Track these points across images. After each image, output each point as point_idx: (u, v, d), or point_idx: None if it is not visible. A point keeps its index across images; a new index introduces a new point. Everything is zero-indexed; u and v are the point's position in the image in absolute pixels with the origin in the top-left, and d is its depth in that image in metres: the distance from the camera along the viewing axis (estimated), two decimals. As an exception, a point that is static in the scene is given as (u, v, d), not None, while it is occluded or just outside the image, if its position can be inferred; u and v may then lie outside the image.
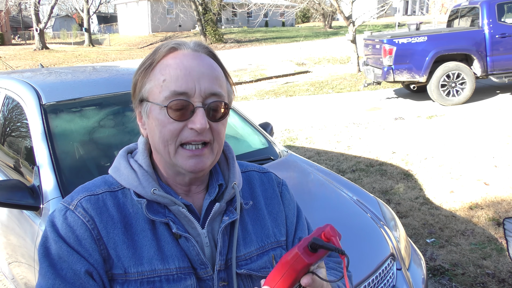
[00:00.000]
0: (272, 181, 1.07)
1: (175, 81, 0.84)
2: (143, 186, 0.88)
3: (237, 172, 0.99)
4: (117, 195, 0.90)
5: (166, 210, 0.89)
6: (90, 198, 0.88)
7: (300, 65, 17.62)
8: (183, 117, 0.84)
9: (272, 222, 1.01)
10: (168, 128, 0.84)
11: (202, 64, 0.86)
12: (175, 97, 0.83)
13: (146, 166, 0.91)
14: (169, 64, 0.85)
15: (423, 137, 6.34)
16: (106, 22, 51.95)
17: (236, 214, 0.93)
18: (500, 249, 3.27)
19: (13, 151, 2.68)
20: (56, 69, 3.79)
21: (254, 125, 3.03)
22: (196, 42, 0.91)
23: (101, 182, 0.92)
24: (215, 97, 0.86)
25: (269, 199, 1.03)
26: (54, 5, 32.67)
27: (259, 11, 25.18)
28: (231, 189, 0.95)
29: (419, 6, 53.80)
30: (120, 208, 0.88)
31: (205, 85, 0.84)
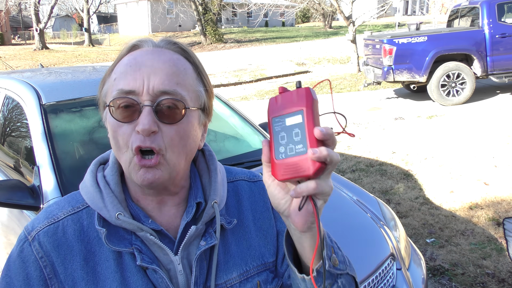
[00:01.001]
0: (263, 192, 0.93)
1: (123, 78, 0.74)
2: (108, 209, 0.78)
3: (219, 188, 0.86)
4: (81, 216, 0.80)
5: (133, 236, 0.78)
6: (48, 230, 0.78)
7: (300, 65, 17.62)
8: (130, 118, 0.73)
9: (261, 240, 0.88)
10: (119, 132, 0.74)
11: (157, 59, 0.75)
12: (120, 95, 0.73)
13: (114, 184, 0.81)
14: (123, 61, 0.77)
15: (423, 137, 6.34)
16: (106, 22, 51.96)
17: (214, 238, 0.81)
18: (500, 249, 3.27)
19: (13, 151, 2.68)
20: (56, 69, 3.79)
21: (254, 125, 3.03)
22: (163, 38, 0.82)
23: (66, 202, 0.83)
24: (167, 95, 0.73)
25: (259, 213, 0.91)
26: (54, 5, 32.67)
27: (259, 11, 25.19)
28: (211, 209, 0.83)
29: (419, 6, 53.81)
30: (82, 235, 0.79)
31: (155, 81, 0.73)
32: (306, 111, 0.64)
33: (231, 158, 2.58)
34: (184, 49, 0.81)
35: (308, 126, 0.63)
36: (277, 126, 0.66)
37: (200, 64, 0.83)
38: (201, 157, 0.90)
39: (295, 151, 0.64)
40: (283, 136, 0.65)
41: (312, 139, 0.62)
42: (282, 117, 0.66)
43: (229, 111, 3.09)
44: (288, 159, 0.64)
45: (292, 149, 0.64)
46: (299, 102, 0.65)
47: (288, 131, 0.65)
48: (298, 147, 0.63)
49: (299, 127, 0.64)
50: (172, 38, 0.83)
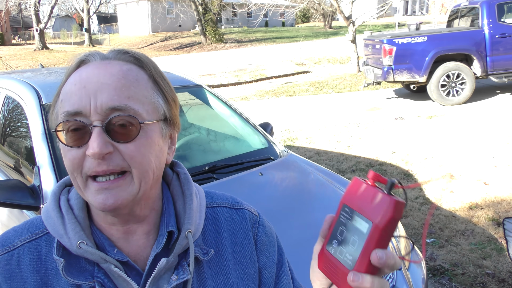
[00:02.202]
0: (246, 222, 0.85)
1: (69, 99, 0.67)
2: (69, 237, 0.70)
3: (194, 215, 0.77)
4: (39, 244, 0.73)
5: (95, 268, 0.71)
6: (1, 259, 0.71)
7: (300, 65, 17.63)
8: (80, 142, 0.66)
9: (239, 276, 0.81)
10: (68, 157, 0.68)
11: (104, 74, 0.68)
12: (66, 119, 0.67)
13: (78, 209, 0.73)
14: (69, 81, 0.70)
15: (423, 137, 6.34)
16: (106, 22, 51.96)
17: (188, 273, 0.73)
18: (500, 249, 3.27)
19: (13, 151, 2.68)
20: (56, 69, 3.79)
21: (254, 125, 3.03)
22: (113, 49, 0.74)
23: (24, 228, 0.75)
24: (118, 111, 0.66)
25: (239, 246, 0.82)
26: (54, 5, 32.67)
27: (259, 11, 25.18)
28: (185, 239, 0.74)
29: (419, 6, 53.80)
30: (39, 265, 0.71)
31: (102, 98, 0.66)
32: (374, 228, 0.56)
33: (231, 158, 2.59)
34: (136, 57, 0.73)
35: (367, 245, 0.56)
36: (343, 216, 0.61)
37: (157, 71, 0.75)
38: (176, 181, 0.82)
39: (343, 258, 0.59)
40: (342, 232, 0.60)
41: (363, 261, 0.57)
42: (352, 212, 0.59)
43: (229, 111, 3.09)
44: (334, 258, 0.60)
45: (342, 252, 0.60)
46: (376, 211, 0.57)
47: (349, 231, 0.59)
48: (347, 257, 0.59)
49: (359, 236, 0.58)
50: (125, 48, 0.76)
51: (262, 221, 0.88)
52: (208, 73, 16.47)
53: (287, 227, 1.98)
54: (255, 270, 0.83)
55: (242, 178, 2.38)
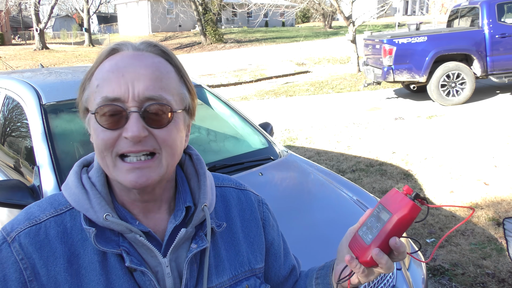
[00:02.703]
0: (251, 201, 0.95)
1: (107, 85, 0.73)
2: (95, 211, 0.77)
3: (208, 192, 0.86)
4: (64, 219, 0.79)
5: (120, 238, 0.77)
6: (30, 231, 0.76)
7: (300, 65, 17.63)
8: (117, 125, 0.73)
9: (248, 247, 0.90)
10: (100, 137, 0.74)
11: (140, 65, 0.74)
12: (105, 103, 0.73)
13: (100, 185, 0.80)
14: (104, 67, 0.76)
15: (423, 137, 6.34)
16: (106, 22, 51.96)
17: (206, 241, 0.82)
18: (500, 249, 3.27)
19: (13, 151, 2.68)
20: (56, 69, 3.79)
21: (254, 125, 3.03)
22: (144, 41, 0.80)
23: (47, 204, 0.81)
24: (153, 100, 0.73)
25: (247, 221, 0.92)
26: (54, 5, 32.67)
27: (259, 11, 25.18)
28: (201, 212, 0.83)
29: (419, 6, 53.80)
30: (65, 237, 0.77)
31: (140, 87, 0.72)
32: (392, 218, 0.75)
33: (231, 158, 2.58)
34: (165, 51, 0.80)
35: (384, 229, 0.75)
36: (376, 211, 0.80)
37: (181, 66, 0.82)
38: (189, 161, 0.90)
39: (366, 237, 0.78)
40: (371, 221, 0.79)
41: (378, 240, 0.76)
42: (382, 208, 0.79)
43: (229, 111, 3.08)
44: (360, 238, 0.80)
45: (366, 234, 0.79)
46: (397, 207, 0.76)
47: (376, 220, 0.78)
48: (369, 236, 0.78)
49: (380, 223, 0.77)
50: (151, 39, 0.83)
51: (264, 200, 0.99)
52: (208, 73, 16.47)
53: (287, 227, 1.97)
54: (262, 242, 0.93)
55: (242, 178, 2.37)
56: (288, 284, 1.00)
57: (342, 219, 2.29)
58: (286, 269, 1.00)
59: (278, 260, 0.98)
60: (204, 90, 3.11)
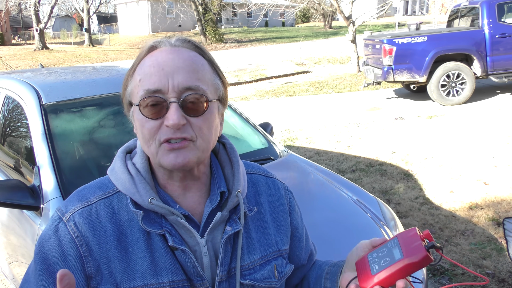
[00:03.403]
0: (279, 188, 1.03)
1: (148, 79, 0.80)
2: (141, 194, 0.84)
3: (241, 178, 0.93)
4: (112, 200, 0.87)
5: (162, 220, 0.85)
6: (83, 211, 0.84)
7: (300, 65, 17.62)
8: (158, 115, 0.80)
9: (276, 230, 0.98)
10: (146, 127, 0.81)
11: (177, 58, 0.82)
12: (147, 95, 0.80)
13: (144, 171, 0.87)
14: (145, 63, 0.83)
15: (423, 137, 6.34)
16: (106, 22, 51.95)
17: (239, 224, 0.89)
18: (500, 249, 3.27)
19: (13, 151, 2.68)
20: (56, 69, 3.79)
21: (254, 125, 3.03)
22: (178, 37, 0.87)
23: (96, 187, 0.89)
24: (191, 91, 0.80)
25: (274, 206, 1.00)
26: (54, 5, 32.66)
27: (259, 11, 25.18)
28: (235, 197, 0.90)
29: (419, 6, 53.80)
30: (114, 217, 0.85)
31: (179, 79, 0.80)
32: (402, 260, 0.76)
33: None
34: (198, 46, 0.86)
35: (391, 267, 0.76)
36: (390, 244, 0.82)
37: (213, 59, 0.88)
38: (223, 150, 0.97)
39: (373, 266, 0.80)
40: (383, 251, 0.81)
41: (383, 274, 0.77)
42: (397, 244, 0.80)
43: (229, 111, 3.09)
44: (367, 263, 0.81)
45: (374, 261, 0.80)
46: (410, 252, 0.77)
47: (388, 253, 0.80)
48: (375, 267, 0.79)
49: (390, 259, 0.78)
50: (186, 37, 0.89)
51: (289, 188, 1.07)
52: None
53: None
54: (288, 226, 1.01)
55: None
56: (306, 267, 1.08)
57: (342, 219, 2.29)
58: (306, 253, 1.07)
59: (300, 244, 1.05)
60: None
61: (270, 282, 0.93)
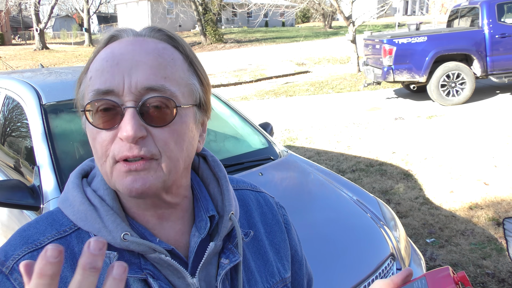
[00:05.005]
0: (271, 204, 0.85)
1: (99, 76, 0.61)
2: (109, 230, 0.63)
3: (232, 197, 0.75)
4: (70, 242, 0.65)
5: (141, 260, 0.65)
6: (31, 257, 0.62)
7: (300, 65, 17.62)
8: (111, 124, 0.61)
9: (275, 255, 0.81)
10: (97, 140, 0.62)
11: (139, 50, 0.62)
12: (97, 97, 0.61)
13: (110, 199, 0.66)
14: (99, 56, 0.64)
15: (423, 137, 6.34)
16: (106, 22, 51.95)
17: (237, 254, 0.71)
18: (500, 249, 3.27)
19: (13, 151, 2.68)
20: (56, 69, 3.79)
21: (254, 125, 3.03)
22: (147, 26, 0.68)
23: (47, 224, 0.67)
24: (154, 92, 0.60)
25: (269, 226, 0.82)
26: (54, 5, 32.69)
27: (259, 11, 25.18)
28: (228, 221, 0.72)
29: (419, 6, 53.80)
30: (75, 263, 0.63)
31: (137, 77, 0.60)
32: None
33: (231, 158, 2.58)
34: (171, 36, 0.67)
35: None
36: (417, 284, 0.72)
37: (191, 52, 0.69)
38: (204, 164, 0.78)
39: None
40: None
41: None
42: (424, 284, 0.70)
43: (229, 111, 3.09)
44: None
45: None
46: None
47: None
48: None
49: None
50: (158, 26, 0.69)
51: (280, 203, 0.89)
52: (208, 73, 16.14)
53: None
54: (287, 249, 0.84)
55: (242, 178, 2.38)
56: None
57: (342, 219, 2.29)
58: (306, 278, 0.90)
59: (302, 269, 0.88)
60: (204, 90, 3.11)
61: None
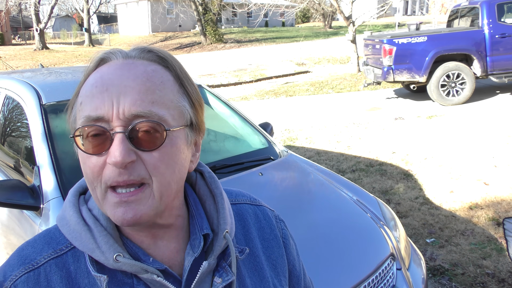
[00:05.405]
0: (269, 218, 0.85)
1: (89, 102, 0.62)
2: (102, 251, 0.65)
3: (228, 215, 0.75)
4: (66, 261, 0.67)
5: (134, 280, 0.66)
6: (28, 277, 0.65)
7: (300, 65, 17.62)
8: (101, 149, 0.62)
9: (272, 271, 0.80)
10: (87, 165, 0.63)
11: (128, 75, 0.63)
12: (87, 123, 0.62)
13: (104, 219, 0.67)
14: (88, 81, 0.65)
15: (423, 137, 6.34)
16: (106, 22, 51.95)
17: (231, 274, 0.71)
18: (500, 249, 3.27)
19: (13, 151, 2.68)
20: (56, 69, 3.79)
21: (254, 125, 3.03)
22: (137, 47, 0.69)
23: (44, 243, 0.69)
24: (141, 118, 0.62)
25: (267, 241, 0.82)
26: (54, 5, 32.67)
27: (259, 11, 25.17)
28: (222, 240, 0.72)
29: (419, 6, 53.79)
30: (70, 282, 0.66)
31: (125, 103, 0.61)
32: None
33: (231, 158, 2.59)
34: (162, 56, 0.68)
35: None
36: None
37: (183, 72, 0.70)
38: (201, 180, 0.78)
39: None
40: None
41: None
42: None
43: (229, 111, 3.09)
44: None
45: None
46: None
47: None
48: None
49: None
50: (149, 46, 0.71)
51: (280, 216, 0.89)
52: (208, 73, 16.47)
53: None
54: (285, 264, 0.83)
55: (242, 178, 2.38)
56: None
57: (342, 219, 2.29)
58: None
59: (299, 283, 0.87)
60: (204, 90, 3.12)
61: None
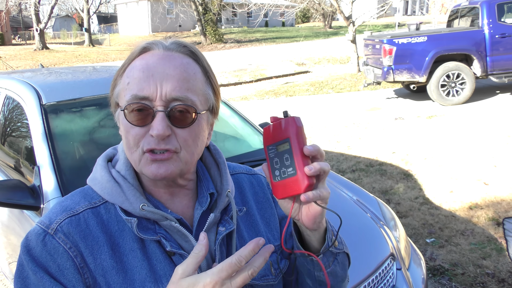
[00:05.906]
0: (262, 183, 1.03)
1: (137, 83, 0.78)
2: (131, 202, 0.81)
3: (229, 179, 0.93)
4: (99, 211, 0.83)
5: (156, 226, 0.83)
6: (71, 220, 0.80)
7: (300, 65, 17.62)
8: (144, 122, 0.78)
9: (266, 227, 0.98)
10: (131, 133, 0.79)
11: (169, 65, 0.79)
12: (134, 101, 0.77)
13: (131, 178, 0.84)
14: (135, 65, 0.80)
15: (423, 137, 6.35)
16: (106, 22, 51.95)
17: (232, 224, 0.88)
18: (499, 249, 3.27)
19: (13, 151, 2.68)
20: (56, 69, 3.79)
21: (254, 125, 3.03)
22: (173, 41, 0.84)
23: (80, 197, 0.85)
24: (178, 101, 0.78)
25: (260, 203, 1.00)
26: (54, 5, 32.67)
27: (259, 11, 25.18)
28: (225, 198, 0.90)
29: (419, 6, 53.79)
30: (104, 227, 0.81)
31: (167, 88, 0.77)
32: (292, 139, 0.75)
33: (231, 158, 2.59)
34: (194, 52, 0.84)
35: (295, 151, 0.75)
36: (271, 153, 0.79)
37: (208, 66, 0.86)
38: (207, 152, 0.96)
39: (287, 174, 0.76)
40: (276, 161, 0.78)
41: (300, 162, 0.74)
42: (274, 145, 0.78)
43: (229, 111, 3.09)
44: (283, 180, 0.76)
45: (284, 172, 0.76)
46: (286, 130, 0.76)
47: (280, 156, 0.77)
48: (289, 170, 0.75)
49: (288, 153, 0.76)
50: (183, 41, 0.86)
51: None
52: (208, 73, 16.42)
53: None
54: (276, 221, 1.00)
55: (242, 178, 2.38)
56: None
57: (342, 219, 2.29)
58: None
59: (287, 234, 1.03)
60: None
61: (268, 279, 0.93)
